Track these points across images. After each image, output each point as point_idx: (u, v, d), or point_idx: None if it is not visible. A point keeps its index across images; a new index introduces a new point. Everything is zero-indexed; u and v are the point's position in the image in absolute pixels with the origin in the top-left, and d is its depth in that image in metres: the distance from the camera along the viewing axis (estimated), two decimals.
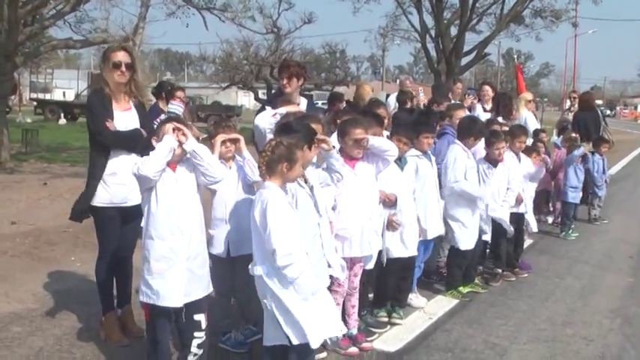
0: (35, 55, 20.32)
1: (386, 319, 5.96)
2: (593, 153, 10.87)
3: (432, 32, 26.98)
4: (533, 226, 8.12)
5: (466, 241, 6.69)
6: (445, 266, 7.17)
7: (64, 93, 57.10)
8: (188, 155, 4.29)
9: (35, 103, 40.78)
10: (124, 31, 29.54)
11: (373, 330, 5.71)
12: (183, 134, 4.23)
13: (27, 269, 7.49)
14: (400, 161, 5.92)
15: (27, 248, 8.56)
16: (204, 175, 4.32)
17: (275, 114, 5.44)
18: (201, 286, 4.46)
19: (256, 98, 31.61)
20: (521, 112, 10.91)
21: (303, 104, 6.50)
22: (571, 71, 49.26)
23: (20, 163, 17.59)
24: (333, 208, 5.11)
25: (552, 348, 5.51)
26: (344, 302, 5.34)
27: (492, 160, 7.00)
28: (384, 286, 6.06)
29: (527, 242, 9.36)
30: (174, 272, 4.29)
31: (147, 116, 5.47)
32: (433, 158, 6.49)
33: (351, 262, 5.24)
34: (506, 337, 5.71)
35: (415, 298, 6.47)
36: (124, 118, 5.22)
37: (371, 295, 6.12)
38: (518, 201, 7.38)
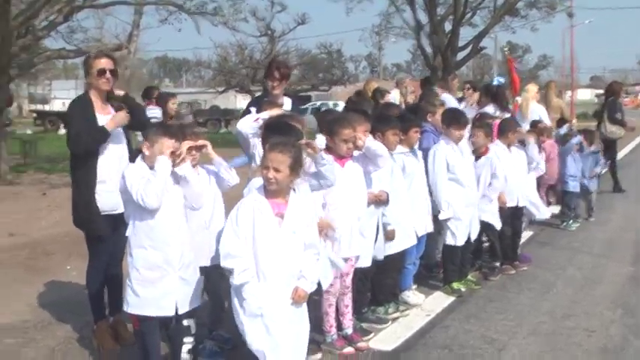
0: (29, 67, 20.25)
1: (387, 316, 5.88)
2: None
3: (427, 28, 26.83)
4: (544, 212, 7.97)
5: (456, 237, 6.60)
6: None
7: (63, 103, 57.03)
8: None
9: (35, 114, 40.81)
10: (118, 40, 29.68)
11: (371, 328, 5.61)
12: (181, 157, 4.30)
13: (22, 280, 7.43)
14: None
15: (23, 259, 8.50)
16: (185, 198, 4.37)
17: (257, 119, 5.36)
18: (196, 295, 4.45)
19: None
20: (530, 107, 10.63)
21: (287, 104, 6.48)
22: (569, 62, 48.95)
23: (19, 174, 17.56)
24: (322, 206, 5.02)
25: (553, 341, 5.40)
26: (337, 302, 5.25)
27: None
28: (381, 284, 5.98)
29: (528, 234, 9.30)
30: (167, 281, 4.27)
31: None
32: (420, 153, 6.39)
33: None
34: (505, 332, 5.60)
35: (413, 295, 6.38)
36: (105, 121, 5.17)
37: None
38: (502, 202, 7.21)
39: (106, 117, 5.17)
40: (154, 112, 9.29)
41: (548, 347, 5.28)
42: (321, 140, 5.35)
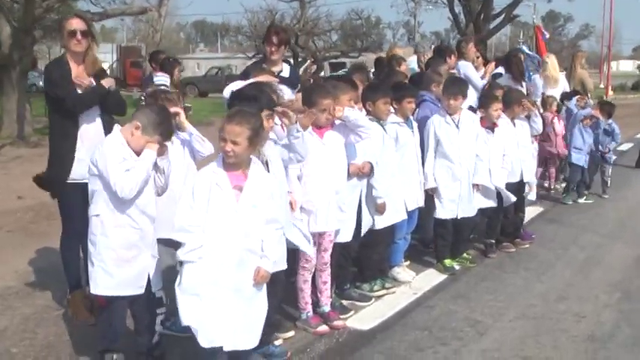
0: (54, 29, 20.23)
1: (371, 293, 5.70)
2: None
3: None
4: (532, 195, 7.71)
5: (444, 210, 6.35)
6: None
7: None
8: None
9: None
10: (148, 3, 29.64)
11: (352, 306, 5.45)
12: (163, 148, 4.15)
13: (18, 245, 7.43)
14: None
15: (25, 223, 8.51)
16: (154, 181, 4.20)
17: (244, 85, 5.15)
18: (163, 271, 4.37)
19: None
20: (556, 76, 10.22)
21: (285, 70, 6.30)
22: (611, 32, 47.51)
23: (44, 136, 17.63)
24: (299, 178, 4.83)
25: (539, 325, 5.16)
26: (314, 278, 5.08)
27: (488, 126, 6.65)
28: (368, 260, 5.79)
29: (538, 210, 9.01)
30: (142, 259, 4.16)
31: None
32: (415, 125, 6.14)
33: (319, 237, 4.96)
34: (491, 314, 5.38)
35: (402, 271, 6.17)
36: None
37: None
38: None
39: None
40: (162, 80, 9.13)
41: (533, 332, 5.04)
42: None
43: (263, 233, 3.83)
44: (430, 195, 6.36)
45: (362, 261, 5.80)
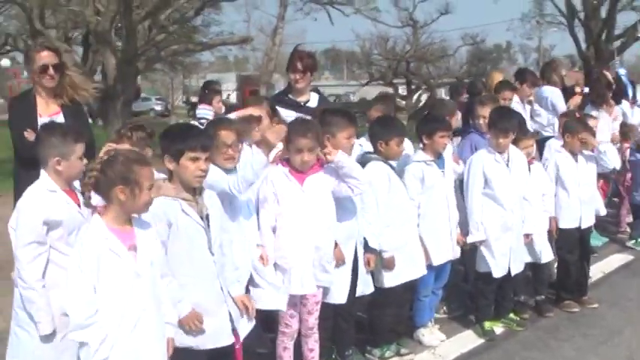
0: (156, 61, 20.72)
1: None
2: None
3: (582, 15, 24.60)
4: None
5: (492, 265, 5.38)
6: None
7: (228, 95, 59.54)
8: None
9: (189, 105, 42.86)
10: (262, 32, 30.24)
11: None
12: None
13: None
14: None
15: None
16: None
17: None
18: None
19: (396, 94, 30.79)
20: None
21: (314, 100, 5.77)
22: None
23: None
24: (273, 230, 4.17)
25: None
26: (301, 345, 4.37)
27: None
28: (380, 321, 5.00)
29: (627, 258, 7.77)
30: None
31: (81, 117, 4.89)
32: (448, 163, 5.28)
33: (301, 298, 4.25)
34: None
35: (428, 334, 5.30)
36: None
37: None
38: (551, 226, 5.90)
39: (49, 119, 4.64)
40: (203, 113, 8.74)
41: None
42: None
43: (162, 291, 3.21)
44: None
45: (372, 322, 5.02)
